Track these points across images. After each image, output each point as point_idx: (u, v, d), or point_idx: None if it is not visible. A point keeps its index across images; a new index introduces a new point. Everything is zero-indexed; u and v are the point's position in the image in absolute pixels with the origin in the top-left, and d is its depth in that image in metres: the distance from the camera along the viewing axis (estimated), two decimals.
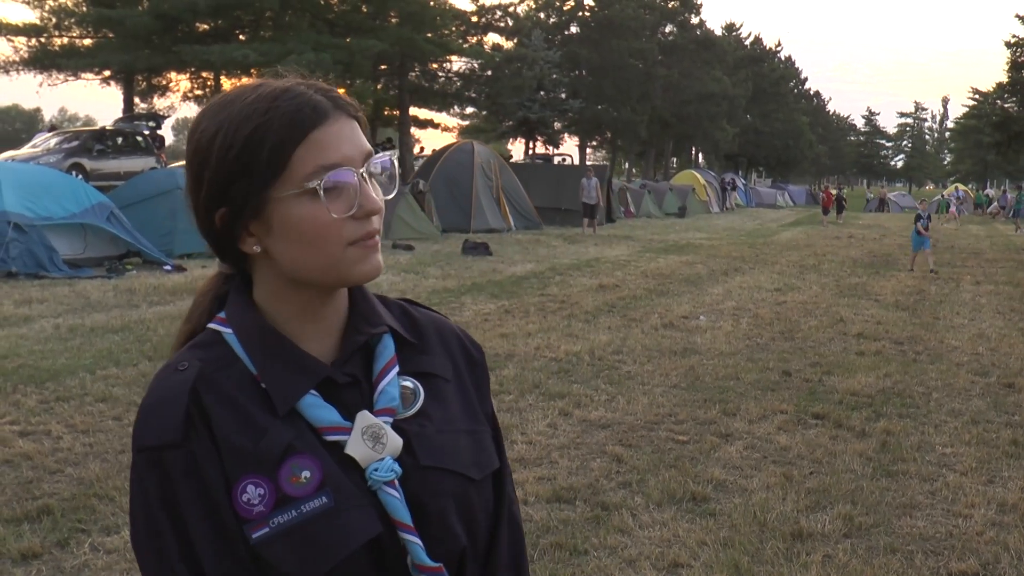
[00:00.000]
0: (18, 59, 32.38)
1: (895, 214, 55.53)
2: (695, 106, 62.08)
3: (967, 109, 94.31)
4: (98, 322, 10.13)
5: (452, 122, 51.50)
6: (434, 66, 43.19)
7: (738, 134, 72.46)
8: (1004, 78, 43.94)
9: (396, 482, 1.13)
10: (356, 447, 1.13)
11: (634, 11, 56.91)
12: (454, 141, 33.21)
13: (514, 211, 27.37)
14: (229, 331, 1.18)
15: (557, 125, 52.84)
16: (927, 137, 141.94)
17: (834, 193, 43.78)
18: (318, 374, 1.16)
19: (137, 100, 35.42)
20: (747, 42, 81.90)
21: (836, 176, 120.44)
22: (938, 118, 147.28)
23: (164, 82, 36.90)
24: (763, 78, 79.89)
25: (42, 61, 32.39)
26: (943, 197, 56.17)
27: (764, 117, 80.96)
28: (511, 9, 49.61)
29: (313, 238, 1.12)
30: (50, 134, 27.08)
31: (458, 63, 44.27)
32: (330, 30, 34.20)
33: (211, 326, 1.19)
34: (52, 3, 31.66)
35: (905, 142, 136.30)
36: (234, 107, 1.14)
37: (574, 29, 59.65)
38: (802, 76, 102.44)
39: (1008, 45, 41.15)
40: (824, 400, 7.71)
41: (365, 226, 1.13)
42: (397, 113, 39.60)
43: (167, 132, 37.66)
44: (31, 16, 39.27)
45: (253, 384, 1.15)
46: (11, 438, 5.98)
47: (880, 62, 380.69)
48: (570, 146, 62.58)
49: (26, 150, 25.17)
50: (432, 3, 36.02)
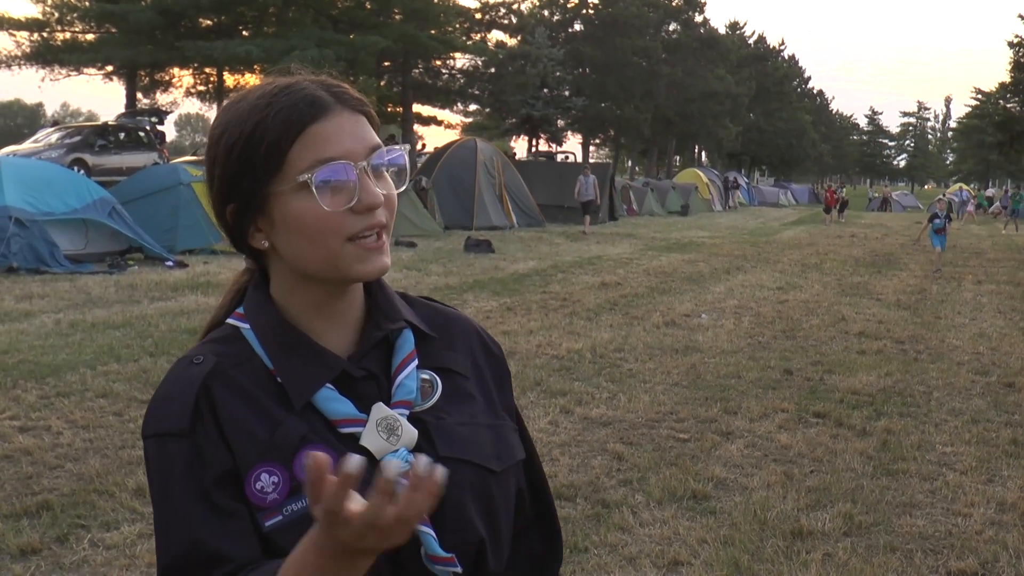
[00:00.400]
0: (20, 54, 32.42)
1: (897, 213, 55.54)
2: (698, 104, 62.05)
3: (970, 109, 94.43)
4: (99, 318, 10.13)
5: (455, 119, 51.56)
6: (438, 63, 43.20)
7: (741, 133, 72.41)
8: (1007, 78, 43.89)
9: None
10: (371, 438, 1.14)
11: (638, 9, 56.92)
12: (457, 138, 33.19)
13: (517, 208, 27.37)
14: (247, 326, 1.20)
15: (560, 123, 52.79)
16: (930, 137, 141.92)
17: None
18: (334, 368, 1.17)
19: (140, 95, 35.42)
20: (751, 41, 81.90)
21: (839, 175, 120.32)
22: (941, 118, 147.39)
23: (167, 78, 36.92)
24: (766, 77, 79.85)
25: (44, 56, 32.41)
26: (944, 196, 56.17)
27: (767, 116, 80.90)
28: (515, 6, 49.66)
29: (311, 232, 1.13)
30: (52, 129, 27.09)
31: (462, 60, 44.34)
32: (333, 26, 34.20)
33: (230, 321, 1.22)
34: None
35: (908, 141, 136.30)
36: (241, 105, 1.17)
37: (578, 27, 59.66)
38: (805, 75, 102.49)
39: (1011, 45, 41.06)
40: (825, 399, 7.70)
41: (366, 219, 1.13)
42: (400, 110, 39.59)
43: (169, 128, 37.72)
44: (33, 11, 39.26)
45: (269, 379, 1.16)
46: (11, 433, 5.98)
47: (883, 62, 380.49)
48: (573, 144, 62.50)
49: (28, 145, 25.18)
50: (436, 0, 36.01)
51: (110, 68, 33.85)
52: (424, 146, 42.32)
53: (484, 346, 1.33)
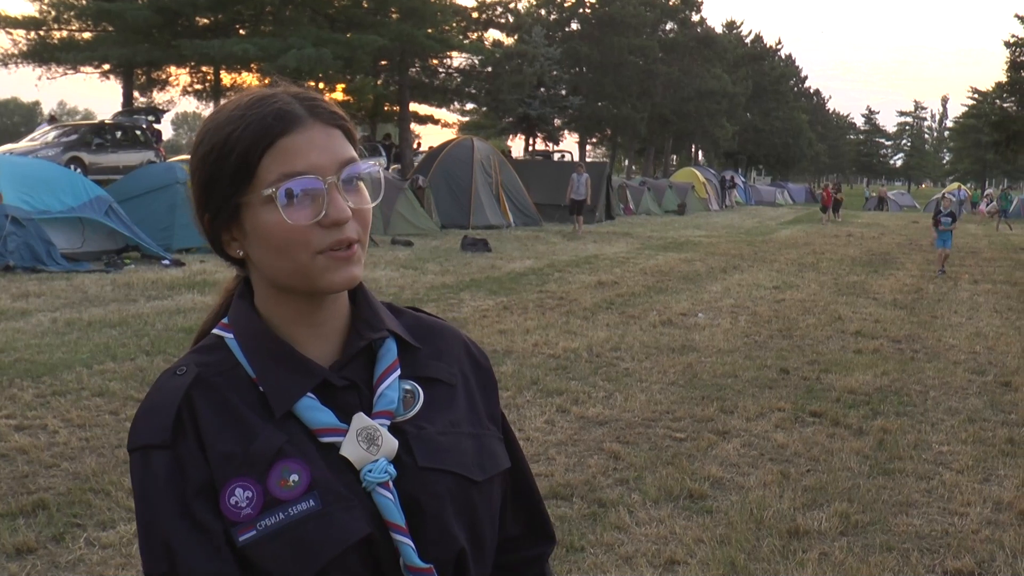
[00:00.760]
0: (17, 52, 32.30)
1: (894, 213, 55.58)
2: (695, 103, 61.97)
3: (966, 108, 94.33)
4: (95, 316, 10.12)
5: (452, 118, 51.46)
6: (434, 62, 43.10)
7: (738, 132, 72.41)
8: (1003, 78, 43.91)
9: (390, 484, 1.14)
10: (350, 448, 1.14)
11: (635, 8, 56.84)
12: (454, 137, 33.17)
13: (513, 207, 27.36)
14: (230, 336, 1.20)
15: (557, 122, 52.73)
16: (926, 136, 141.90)
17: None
18: (315, 377, 1.17)
19: (136, 94, 35.34)
20: (747, 40, 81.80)
21: (836, 174, 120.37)
22: (937, 117, 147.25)
23: (164, 76, 36.81)
24: (763, 76, 79.80)
25: (41, 54, 32.31)
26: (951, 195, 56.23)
27: (764, 115, 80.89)
28: (512, 5, 49.58)
29: (279, 245, 1.13)
30: (49, 128, 27.04)
31: (458, 59, 44.21)
32: (330, 25, 34.11)
33: (215, 331, 1.23)
34: None
35: (904, 141, 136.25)
36: (219, 116, 1.18)
37: (575, 26, 59.56)
38: (802, 74, 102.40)
39: (1007, 45, 41.14)
40: (821, 398, 7.71)
41: (334, 234, 1.13)
42: (397, 109, 39.52)
43: (166, 126, 37.66)
44: (30, 9, 39.23)
45: (252, 388, 1.16)
46: (7, 432, 5.97)
47: (880, 61, 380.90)
48: (570, 143, 62.44)
49: (25, 143, 25.13)
50: None
51: (107, 66, 33.72)
52: (420, 144, 42.24)
53: (470, 355, 1.32)
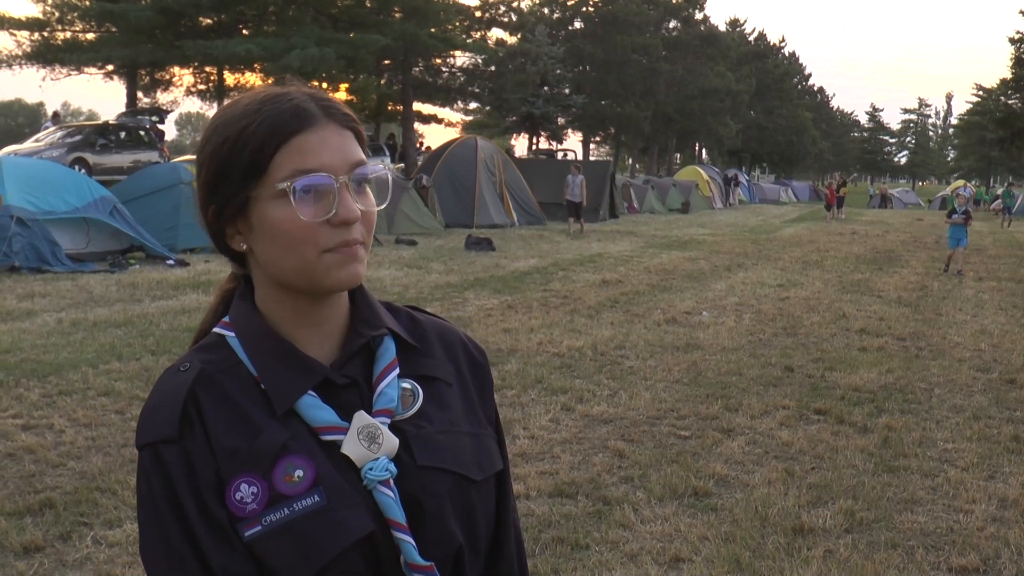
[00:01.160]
0: (21, 53, 32.34)
1: (898, 210, 55.49)
2: (699, 102, 61.92)
3: (971, 105, 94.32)
4: (101, 316, 10.14)
5: (456, 117, 51.58)
6: (438, 61, 43.10)
7: (742, 130, 72.33)
8: (1008, 74, 43.91)
9: (391, 481, 1.15)
10: (352, 446, 1.15)
11: (638, 7, 56.84)
12: (458, 136, 33.17)
13: (517, 206, 27.36)
14: (232, 334, 1.21)
15: (560, 121, 52.76)
16: (931, 133, 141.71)
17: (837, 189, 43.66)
18: (316, 375, 1.18)
19: (140, 94, 35.38)
20: (751, 38, 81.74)
21: (840, 171, 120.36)
22: (942, 114, 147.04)
23: (167, 77, 36.84)
24: (767, 74, 79.72)
25: (45, 55, 32.35)
26: (951, 193, 56.14)
27: (768, 113, 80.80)
28: (515, 4, 49.49)
29: (287, 241, 1.14)
30: (54, 128, 27.09)
31: (462, 58, 44.18)
32: (333, 25, 34.13)
33: (216, 330, 1.23)
34: None
35: (909, 138, 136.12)
36: (232, 110, 1.19)
37: (578, 24, 59.55)
38: (806, 72, 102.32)
39: (1012, 41, 41.15)
40: (826, 396, 7.71)
41: (342, 234, 1.14)
42: (401, 108, 39.52)
43: (170, 127, 37.71)
44: (34, 10, 39.25)
45: (254, 386, 1.17)
46: (13, 432, 5.99)
47: (884, 59, 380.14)
48: (573, 142, 62.53)
49: (29, 144, 25.18)
50: None
51: (110, 67, 33.76)
52: (422, 143, 42.23)
53: (468, 354, 1.33)
